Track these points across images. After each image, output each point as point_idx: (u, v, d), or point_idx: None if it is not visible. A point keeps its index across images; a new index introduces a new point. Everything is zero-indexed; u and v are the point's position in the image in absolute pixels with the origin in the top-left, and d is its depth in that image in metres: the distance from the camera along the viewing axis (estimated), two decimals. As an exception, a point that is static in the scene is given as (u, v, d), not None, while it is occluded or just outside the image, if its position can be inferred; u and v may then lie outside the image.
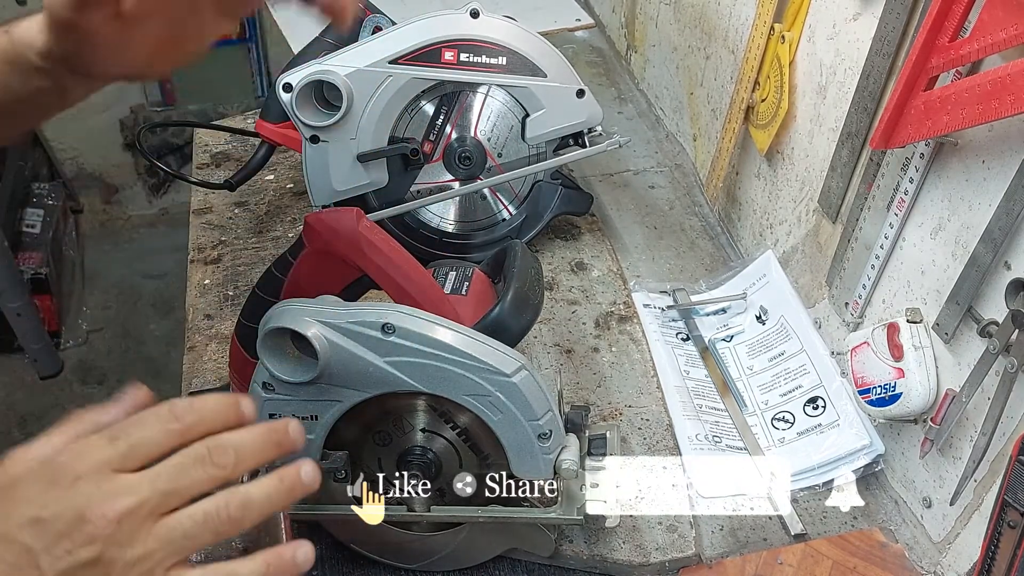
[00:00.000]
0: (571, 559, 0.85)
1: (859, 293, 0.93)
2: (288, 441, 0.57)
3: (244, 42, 2.81)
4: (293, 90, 1.00)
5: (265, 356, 0.68)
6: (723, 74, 1.21)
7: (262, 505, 0.55)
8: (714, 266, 1.20)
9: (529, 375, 0.70)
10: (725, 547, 0.88)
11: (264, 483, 0.56)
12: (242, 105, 2.82)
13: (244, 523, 0.54)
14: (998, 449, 0.74)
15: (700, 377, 1.04)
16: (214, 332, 1.06)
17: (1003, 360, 0.71)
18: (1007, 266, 0.72)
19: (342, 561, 0.85)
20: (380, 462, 0.78)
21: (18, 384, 2.43)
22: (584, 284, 1.15)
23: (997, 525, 0.69)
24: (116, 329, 2.59)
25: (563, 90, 1.06)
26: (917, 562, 0.85)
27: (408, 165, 1.08)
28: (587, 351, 1.06)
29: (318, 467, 0.57)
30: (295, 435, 0.57)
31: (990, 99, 0.66)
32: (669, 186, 1.35)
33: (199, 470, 0.53)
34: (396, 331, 0.68)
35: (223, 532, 0.53)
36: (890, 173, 0.85)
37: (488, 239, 1.16)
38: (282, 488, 0.56)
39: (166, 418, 0.54)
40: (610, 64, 1.62)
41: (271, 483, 0.56)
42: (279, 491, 0.56)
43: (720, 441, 0.96)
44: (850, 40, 0.91)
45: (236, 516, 0.53)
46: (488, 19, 1.01)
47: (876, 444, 0.91)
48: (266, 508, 0.55)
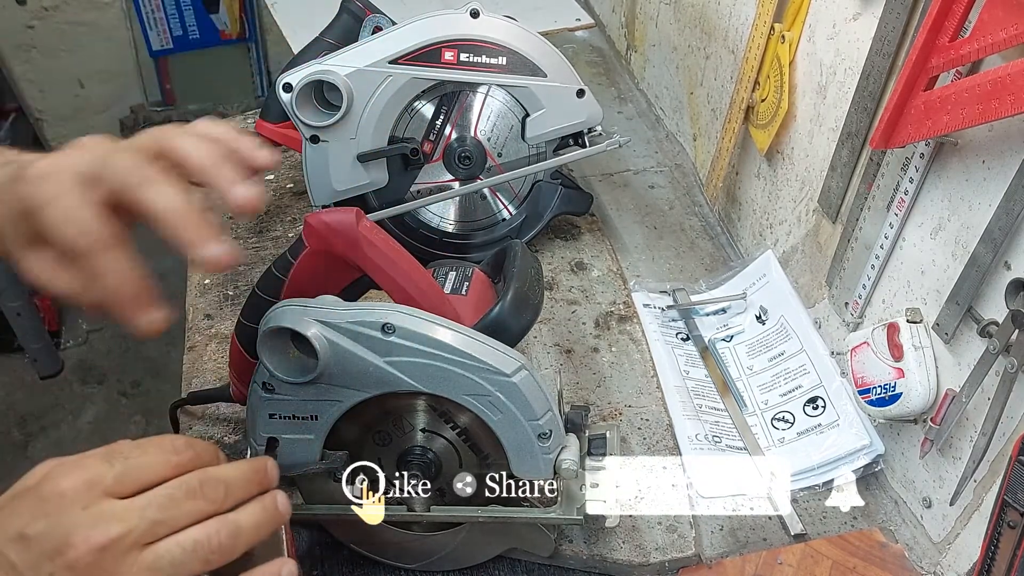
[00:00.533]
0: (571, 559, 0.85)
1: (859, 293, 0.93)
2: (267, 480, 0.58)
3: (244, 42, 2.81)
4: (293, 90, 1.00)
5: (265, 356, 0.68)
6: (723, 74, 1.21)
7: (250, 533, 0.55)
8: (714, 266, 1.20)
9: (529, 375, 0.70)
10: (725, 547, 0.88)
11: (251, 510, 0.55)
12: (242, 105, 2.82)
13: (234, 551, 0.53)
14: (998, 449, 0.74)
15: (700, 377, 1.04)
16: (214, 332, 1.06)
17: (1003, 360, 0.71)
18: (1007, 266, 0.72)
19: (342, 561, 0.85)
20: (380, 462, 0.78)
21: (18, 384, 2.43)
22: (584, 284, 1.15)
23: (997, 525, 0.69)
24: (116, 329, 2.59)
25: (563, 90, 1.06)
26: (917, 562, 0.85)
27: (408, 165, 1.08)
28: (587, 351, 1.06)
29: (288, 497, 0.59)
30: (273, 474, 0.58)
31: (990, 99, 0.66)
32: (669, 186, 1.35)
33: (190, 503, 0.52)
34: (396, 331, 0.68)
35: (213, 561, 0.52)
36: (890, 173, 0.85)
37: (488, 239, 1.16)
38: (267, 516, 0.56)
39: (167, 449, 0.54)
40: (610, 64, 1.62)
41: (257, 510, 0.55)
42: (265, 519, 0.56)
43: (720, 441, 0.96)
44: (850, 40, 0.91)
45: (227, 544, 0.53)
46: (488, 19, 1.01)
47: (876, 444, 0.91)
48: (254, 536, 0.55)
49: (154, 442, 0.54)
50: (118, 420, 2.34)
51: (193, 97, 2.84)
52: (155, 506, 0.51)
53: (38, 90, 2.65)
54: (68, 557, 0.48)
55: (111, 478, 0.51)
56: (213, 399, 0.95)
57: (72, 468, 0.51)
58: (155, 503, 0.51)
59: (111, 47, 2.68)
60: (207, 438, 0.94)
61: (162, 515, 0.51)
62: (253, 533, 0.54)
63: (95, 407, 2.40)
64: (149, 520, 0.50)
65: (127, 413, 2.37)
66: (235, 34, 2.78)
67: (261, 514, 0.56)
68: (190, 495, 0.52)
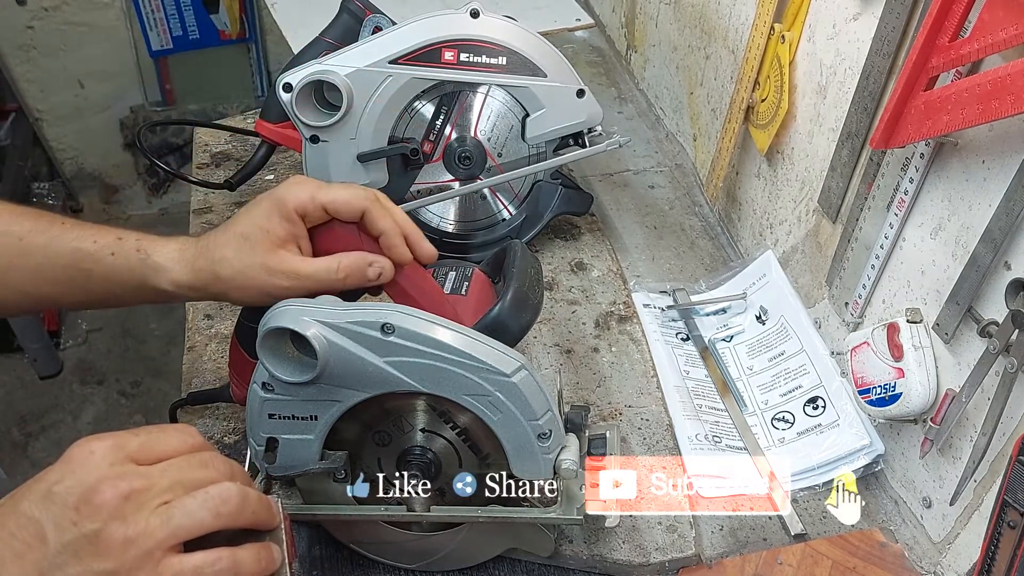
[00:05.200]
0: (571, 559, 0.85)
1: (859, 293, 0.93)
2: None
3: (244, 42, 2.81)
4: (293, 90, 1.00)
5: (265, 356, 0.68)
6: (723, 74, 1.21)
7: (257, 497, 0.59)
8: (714, 266, 1.20)
9: (529, 375, 0.70)
10: (725, 547, 0.88)
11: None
12: (242, 105, 2.82)
13: (243, 510, 0.57)
14: (998, 449, 0.74)
15: (700, 377, 1.04)
16: (214, 332, 1.06)
17: (1003, 360, 0.71)
18: (1007, 266, 0.72)
19: (342, 561, 0.85)
20: (380, 462, 0.77)
21: (18, 384, 2.43)
22: (584, 284, 1.15)
23: (997, 525, 0.69)
24: (116, 329, 2.59)
25: (563, 90, 1.06)
26: (917, 562, 0.85)
27: (408, 165, 1.08)
28: (587, 351, 1.06)
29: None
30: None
31: (990, 99, 0.66)
32: (669, 186, 1.35)
33: (203, 471, 0.57)
34: (396, 331, 0.67)
35: (223, 514, 0.56)
36: (890, 173, 0.85)
37: (488, 239, 1.16)
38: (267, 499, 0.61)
39: (184, 432, 0.60)
40: (610, 64, 1.62)
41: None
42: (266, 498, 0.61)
43: (720, 441, 0.96)
44: (850, 40, 0.91)
45: (237, 500, 0.57)
46: (488, 19, 1.01)
47: (876, 444, 0.91)
48: (260, 502, 0.60)
49: (172, 427, 0.61)
50: (118, 420, 2.34)
51: (193, 97, 2.85)
52: (174, 468, 0.56)
53: (38, 90, 2.66)
54: (94, 503, 0.52)
55: (135, 445, 0.56)
56: (213, 399, 0.95)
57: (99, 437, 0.56)
58: (174, 466, 0.57)
59: (111, 47, 2.68)
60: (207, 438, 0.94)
61: (179, 476, 0.56)
62: (259, 499, 0.59)
63: (95, 407, 2.40)
64: (169, 479, 0.55)
65: (127, 413, 2.37)
66: (235, 34, 2.78)
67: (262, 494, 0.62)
68: (203, 465, 0.58)
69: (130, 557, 0.52)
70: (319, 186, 0.73)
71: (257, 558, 0.57)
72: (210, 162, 1.33)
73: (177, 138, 2.72)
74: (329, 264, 0.72)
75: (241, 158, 1.31)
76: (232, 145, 1.35)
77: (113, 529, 0.52)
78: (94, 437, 0.56)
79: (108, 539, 0.52)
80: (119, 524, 0.52)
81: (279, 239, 0.72)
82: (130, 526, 0.52)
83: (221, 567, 0.55)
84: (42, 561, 0.52)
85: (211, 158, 1.33)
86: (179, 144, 2.72)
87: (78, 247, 0.73)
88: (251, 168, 1.15)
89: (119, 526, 0.52)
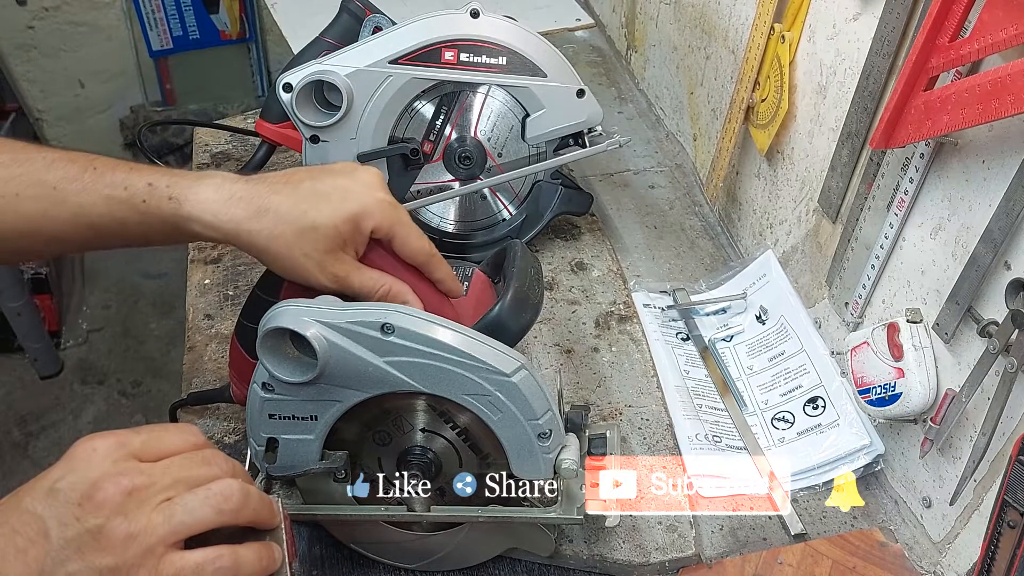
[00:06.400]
0: (571, 559, 0.85)
1: (859, 293, 0.93)
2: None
3: (244, 42, 2.82)
4: (293, 90, 1.00)
5: (265, 356, 0.68)
6: (723, 74, 1.21)
7: (258, 496, 0.60)
8: (714, 266, 1.20)
9: (529, 375, 0.70)
10: (725, 547, 0.88)
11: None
12: (242, 105, 2.82)
13: (245, 508, 0.58)
14: (998, 449, 0.74)
15: (700, 377, 1.04)
16: (214, 332, 1.06)
17: (1003, 360, 0.71)
18: (1007, 266, 0.72)
19: (342, 561, 0.85)
20: (380, 462, 0.78)
21: (18, 384, 2.43)
22: (584, 284, 1.15)
23: (997, 525, 0.69)
24: (116, 329, 2.59)
25: (563, 90, 1.06)
26: (917, 562, 0.85)
27: (408, 165, 1.08)
28: (587, 351, 1.06)
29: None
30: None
31: (990, 99, 0.66)
32: (669, 186, 1.35)
33: (204, 468, 0.58)
34: (395, 331, 0.68)
35: (225, 511, 0.56)
36: (890, 173, 0.85)
37: (488, 239, 1.16)
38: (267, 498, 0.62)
39: (186, 431, 0.60)
40: (610, 64, 1.62)
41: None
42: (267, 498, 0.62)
43: (720, 441, 0.96)
44: (850, 40, 0.91)
45: (238, 498, 0.57)
46: (488, 19, 1.01)
47: (876, 444, 0.91)
48: (261, 500, 0.61)
49: (174, 425, 0.62)
50: (118, 420, 2.34)
51: (193, 97, 2.85)
52: (176, 466, 0.57)
53: (38, 90, 2.66)
54: (96, 499, 0.53)
55: (138, 443, 0.57)
56: (213, 399, 0.95)
57: (102, 435, 0.56)
58: (175, 464, 0.57)
59: (111, 47, 2.68)
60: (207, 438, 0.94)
61: (181, 474, 0.56)
62: (260, 498, 0.60)
63: (95, 407, 2.40)
64: (171, 477, 0.56)
65: (127, 413, 2.37)
66: (235, 34, 2.78)
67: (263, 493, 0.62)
68: (205, 462, 0.58)
69: (132, 553, 0.52)
70: (399, 221, 0.73)
71: (258, 556, 0.58)
72: (210, 162, 1.33)
73: (177, 138, 2.72)
74: (375, 284, 0.73)
75: (241, 158, 1.31)
76: (232, 145, 1.35)
77: (115, 525, 0.52)
78: (97, 435, 0.56)
79: (110, 535, 0.52)
80: (121, 520, 0.53)
81: (342, 243, 0.71)
82: (132, 522, 0.53)
83: (222, 564, 0.55)
84: (44, 557, 0.52)
85: (211, 158, 1.33)
86: (179, 144, 2.72)
87: (111, 195, 0.70)
88: (251, 168, 1.15)
89: (121, 522, 0.53)
